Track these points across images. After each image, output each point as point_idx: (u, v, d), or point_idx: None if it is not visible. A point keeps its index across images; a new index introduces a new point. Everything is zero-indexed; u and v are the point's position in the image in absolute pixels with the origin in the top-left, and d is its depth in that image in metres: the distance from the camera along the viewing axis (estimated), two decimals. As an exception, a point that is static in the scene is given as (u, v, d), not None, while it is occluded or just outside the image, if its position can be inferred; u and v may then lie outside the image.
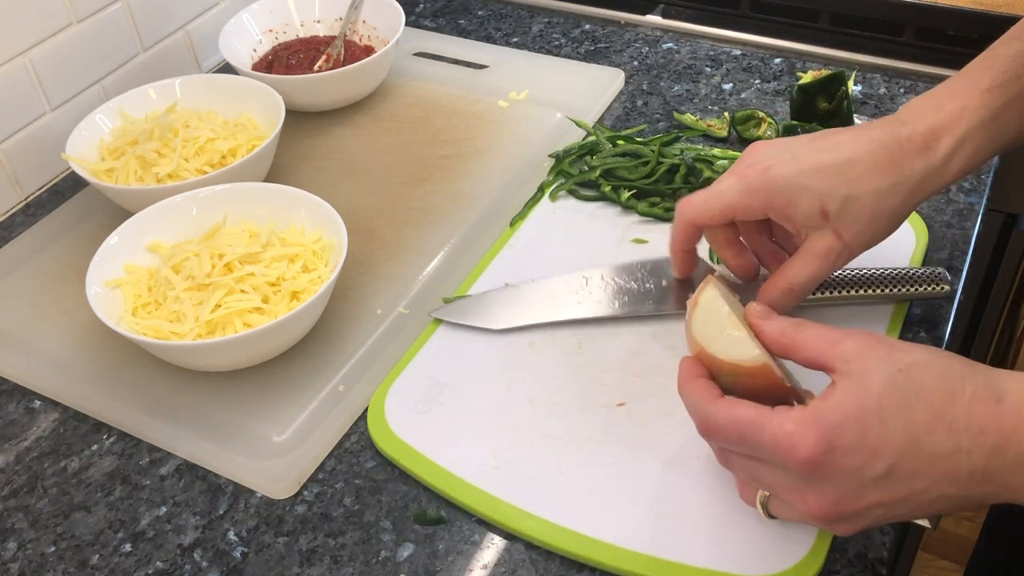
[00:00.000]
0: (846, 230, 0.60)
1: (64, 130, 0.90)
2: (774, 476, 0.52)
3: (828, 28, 1.07)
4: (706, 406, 0.53)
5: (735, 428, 0.51)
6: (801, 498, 0.50)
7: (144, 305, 0.75)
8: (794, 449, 0.48)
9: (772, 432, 0.49)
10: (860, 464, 0.48)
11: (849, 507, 0.49)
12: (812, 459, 0.48)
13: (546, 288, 0.76)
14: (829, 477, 0.49)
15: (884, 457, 0.48)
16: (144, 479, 0.69)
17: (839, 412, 0.48)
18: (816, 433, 0.48)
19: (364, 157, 0.94)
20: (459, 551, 0.62)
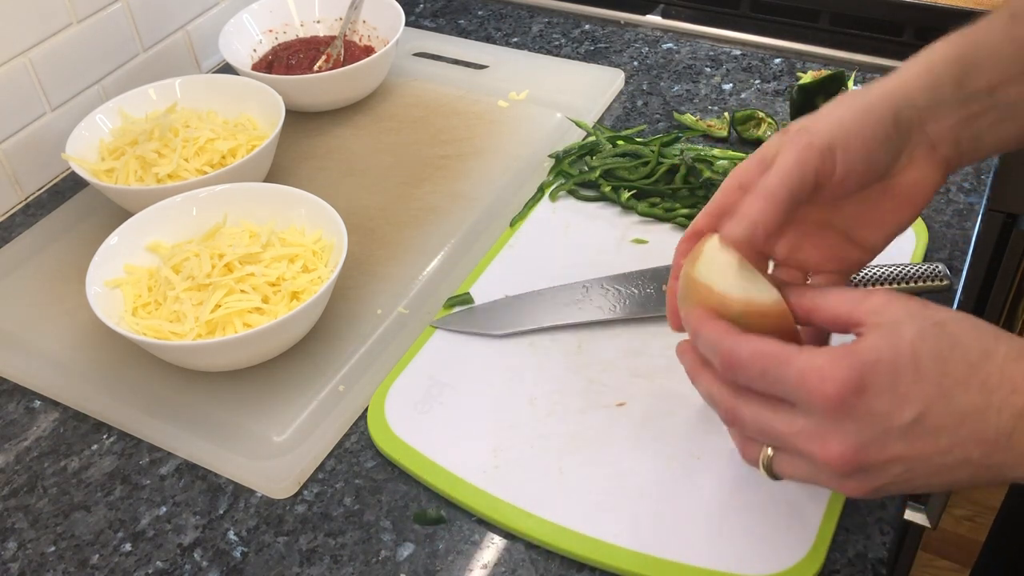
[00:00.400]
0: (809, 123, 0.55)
1: (64, 130, 0.90)
2: (790, 421, 0.49)
3: (828, 28, 1.07)
4: (728, 339, 0.51)
5: (759, 361, 0.49)
6: (821, 443, 0.48)
7: (144, 305, 0.75)
8: (824, 383, 0.46)
9: (800, 365, 0.47)
10: (889, 409, 0.46)
11: (871, 456, 0.47)
12: (842, 395, 0.46)
13: (546, 298, 0.76)
14: (855, 418, 0.47)
15: (914, 405, 0.46)
16: (144, 479, 0.69)
17: (873, 353, 0.47)
18: (848, 368, 0.46)
19: (364, 157, 0.94)
20: (459, 551, 0.62)
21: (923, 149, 0.56)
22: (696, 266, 0.55)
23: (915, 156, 0.56)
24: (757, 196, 0.53)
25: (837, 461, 0.48)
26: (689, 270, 0.56)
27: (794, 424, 0.49)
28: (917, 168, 0.56)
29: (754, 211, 0.52)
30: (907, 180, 0.57)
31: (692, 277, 0.55)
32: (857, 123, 0.54)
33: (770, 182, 0.53)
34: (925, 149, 0.56)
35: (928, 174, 0.57)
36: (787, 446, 0.51)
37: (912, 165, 0.56)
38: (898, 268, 0.73)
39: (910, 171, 0.56)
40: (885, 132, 0.54)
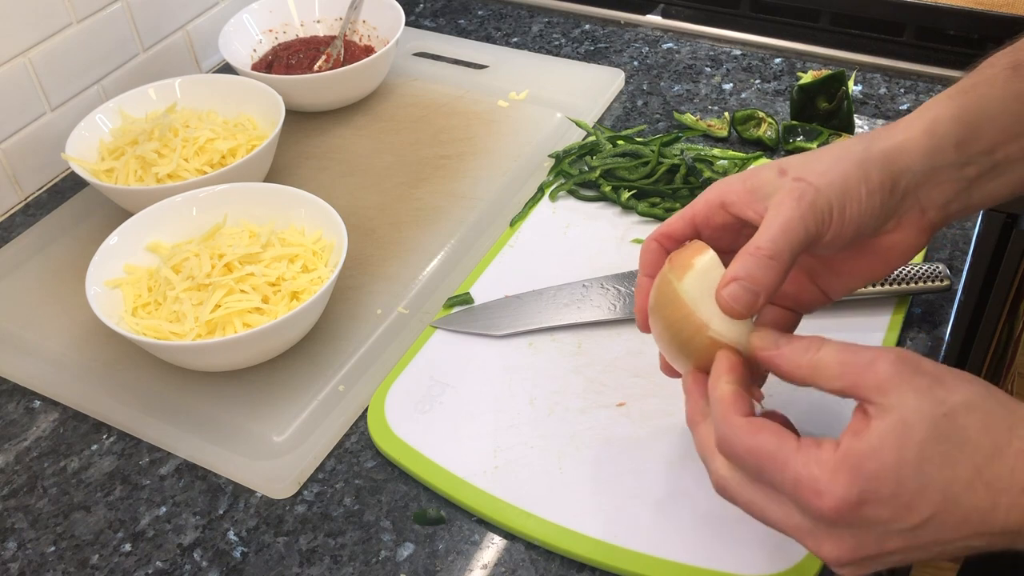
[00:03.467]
0: (808, 172, 0.52)
1: (64, 130, 0.90)
2: (786, 515, 0.47)
3: (828, 28, 1.07)
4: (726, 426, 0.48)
5: (755, 459, 0.47)
6: (815, 543, 0.46)
7: (144, 305, 0.75)
8: (819, 496, 0.44)
9: (795, 472, 0.45)
10: (890, 517, 0.44)
11: (866, 553, 0.46)
12: (838, 510, 0.44)
13: (546, 298, 0.76)
14: (853, 526, 0.45)
15: (918, 512, 0.44)
16: (144, 479, 0.69)
17: (875, 462, 0.44)
18: (847, 484, 0.44)
19: (364, 157, 0.94)
20: (459, 551, 0.62)
21: (913, 214, 0.55)
22: (683, 279, 0.53)
23: (903, 220, 0.55)
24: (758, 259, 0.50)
25: (833, 561, 0.46)
26: (673, 279, 0.54)
27: (790, 519, 0.47)
28: (903, 231, 0.55)
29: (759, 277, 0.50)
30: (890, 241, 0.55)
31: (675, 290, 0.53)
32: (856, 185, 0.52)
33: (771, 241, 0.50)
34: (915, 214, 0.55)
35: (912, 237, 0.55)
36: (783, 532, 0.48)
37: (899, 228, 0.55)
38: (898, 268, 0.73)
39: (895, 233, 0.55)
40: (882, 199, 0.53)
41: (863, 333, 0.71)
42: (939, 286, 0.72)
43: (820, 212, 0.51)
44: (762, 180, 0.54)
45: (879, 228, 0.54)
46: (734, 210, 0.55)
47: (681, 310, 0.52)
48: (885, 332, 0.71)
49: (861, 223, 0.52)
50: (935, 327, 0.73)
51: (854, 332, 0.71)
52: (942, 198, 0.54)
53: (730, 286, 0.50)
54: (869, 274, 0.57)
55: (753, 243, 0.50)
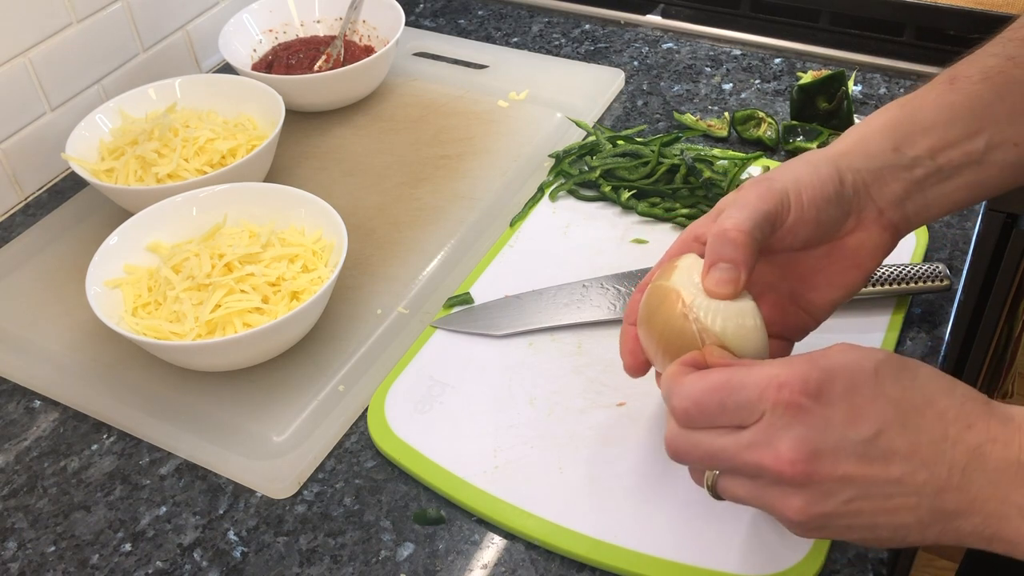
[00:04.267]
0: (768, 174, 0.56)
1: (64, 130, 0.90)
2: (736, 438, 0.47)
3: (828, 28, 1.07)
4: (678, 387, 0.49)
5: (714, 395, 0.47)
6: (771, 450, 0.45)
7: (144, 305, 0.75)
8: (782, 387, 0.45)
9: (757, 377, 0.46)
10: (845, 419, 0.45)
11: (822, 468, 0.45)
12: (798, 394, 0.45)
13: (546, 298, 0.76)
14: (809, 423, 0.45)
15: (870, 422, 0.45)
16: (144, 479, 0.69)
17: (831, 360, 0.46)
18: (805, 371, 0.46)
19: (364, 157, 0.94)
20: (459, 551, 0.62)
21: (871, 212, 0.57)
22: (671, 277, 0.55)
23: (863, 219, 0.57)
24: (729, 239, 0.52)
25: (788, 466, 0.45)
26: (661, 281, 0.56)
27: (740, 439, 0.47)
28: (865, 230, 0.57)
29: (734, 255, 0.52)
30: (855, 242, 0.57)
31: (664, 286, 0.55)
32: (808, 175, 0.55)
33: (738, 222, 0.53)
34: (873, 213, 0.57)
35: (876, 237, 0.58)
36: (733, 462, 0.48)
37: (860, 227, 0.57)
38: (898, 268, 0.73)
39: (858, 233, 0.57)
40: (834, 188, 0.55)
41: (863, 333, 0.71)
42: (939, 286, 0.72)
43: (777, 194, 0.54)
44: (726, 202, 0.57)
45: (841, 225, 0.57)
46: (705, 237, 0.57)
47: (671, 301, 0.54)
48: (885, 332, 0.71)
49: (820, 208, 0.55)
50: (935, 327, 0.73)
51: (854, 332, 0.71)
52: (893, 196, 0.57)
53: (711, 272, 0.52)
54: (845, 282, 0.59)
55: (719, 227, 0.53)
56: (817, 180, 0.55)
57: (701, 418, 0.49)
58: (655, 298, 0.56)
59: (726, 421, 0.48)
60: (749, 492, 0.49)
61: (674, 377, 0.50)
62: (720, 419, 0.48)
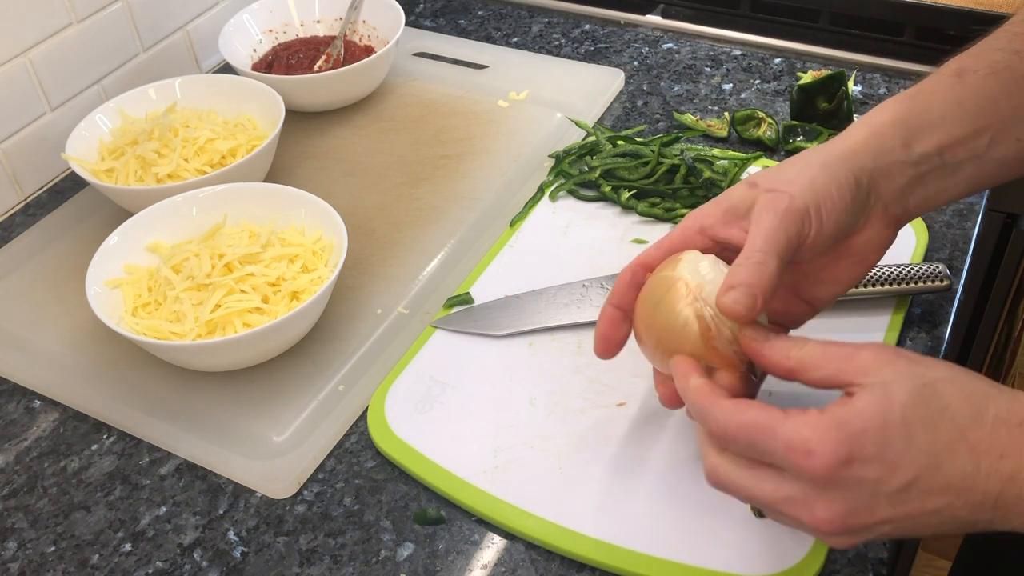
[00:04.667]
0: (778, 182, 0.55)
1: (64, 130, 0.90)
2: (775, 488, 0.48)
3: (828, 28, 1.07)
4: (716, 409, 0.50)
5: (747, 434, 0.48)
6: (808, 510, 0.47)
7: (144, 305, 0.75)
8: (810, 456, 0.46)
9: (786, 437, 0.47)
10: (878, 477, 0.46)
11: (858, 521, 0.47)
12: (829, 467, 0.46)
13: (546, 298, 0.76)
14: (843, 488, 0.46)
15: (904, 472, 0.46)
16: (144, 479, 0.69)
17: (860, 420, 0.46)
18: (835, 441, 0.46)
19: (364, 157, 0.94)
20: (459, 551, 0.62)
21: (877, 209, 0.58)
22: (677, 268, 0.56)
23: (870, 216, 0.57)
24: (750, 266, 0.52)
25: (825, 525, 0.47)
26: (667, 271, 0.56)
27: (780, 490, 0.48)
28: (871, 228, 0.58)
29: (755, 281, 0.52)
30: (862, 240, 0.58)
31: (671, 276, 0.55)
32: (826, 186, 0.55)
33: (758, 250, 0.53)
34: (879, 209, 0.58)
35: (881, 232, 0.58)
36: (772, 508, 0.50)
37: (867, 225, 0.58)
38: (898, 268, 0.73)
39: (865, 231, 0.58)
40: (852, 195, 0.55)
41: (863, 333, 0.71)
42: (939, 286, 0.72)
43: (798, 215, 0.54)
44: (736, 199, 0.57)
45: (854, 225, 0.57)
46: (712, 233, 0.57)
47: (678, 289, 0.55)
48: (885, 332, 0.71)
49: (839, 220, 0.55)
50: (935, 327, 0.73)
51: (854, 332, 0.71)
52: (899, 192, 0.57)
53: (729, 292, 0.52)
54: (848, 277, 0.59)
55: (744, 254, 0.53)
56: (836, 190, 0.55)
57: (732, 447, 0.50)
58: (659, 287, 0.56)
59: (753, 456, 0.49)
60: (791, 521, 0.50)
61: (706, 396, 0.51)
62: (747, 453, 0.50)
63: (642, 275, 0.59)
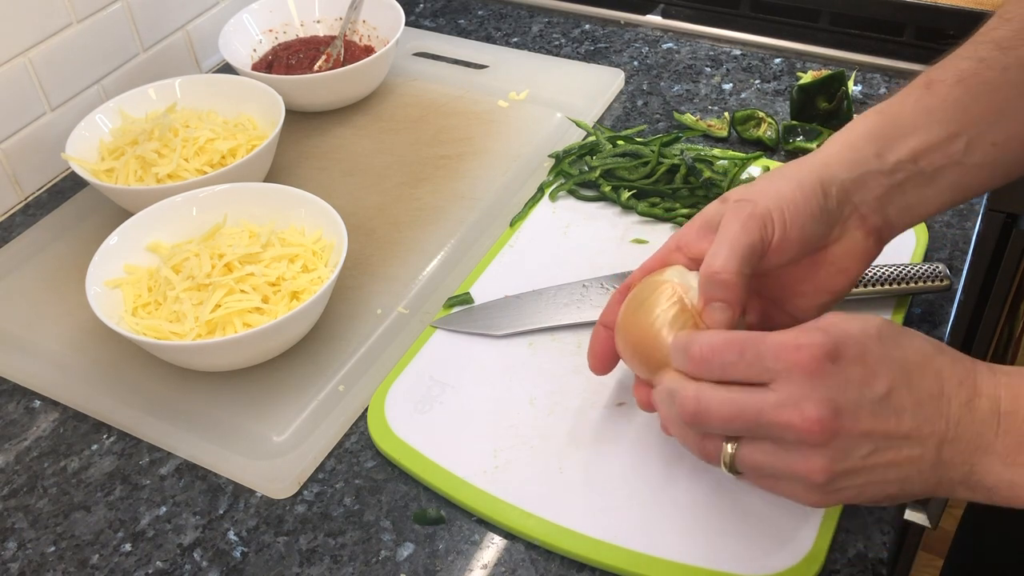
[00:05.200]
0: (748, 193, 0.57)
1: (64, 130, 0.90)
2: (762, 397, 0.49)
3: (828, 28, 1.07)
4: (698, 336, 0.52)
5: (735, 346, 0.50)
6: (798, 409, 0.48)
7: (144, 305, 0.75)
8: (800, 350, 0.48)
9: (773, 339, 0.49)
10: (861, 379, 0.48)
11: (845, 425, 0.48)
12: (817, 357, 0.48)
13: (546, 298, 0.76)
14: (832, 385, 0.48)
15: (883, 379, 0.48)
16: (144, 479, 0.69)
17: (842, 328, 0.49)
18: (823, 337, 0.49)
19: (364, 157, 0.94)
20: (459, 551, 0.62)
21: (854, 220, 0.59)
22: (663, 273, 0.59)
23: (847, 226, 0.59)
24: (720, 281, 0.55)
25: (815, 425, 0.48)
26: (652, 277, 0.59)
27: (767, 399, 0.49)
28: (850, 238, 0.59)
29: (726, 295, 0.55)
30: (840, 250, 0.59)
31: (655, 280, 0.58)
32: (791, 192, 0.57)
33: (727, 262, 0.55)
34: (856, 219, 0.59)
35: (860, 242, 0.59)
36: (759, 424, 0.49)
37: (845, 235, 0.59)
38: (898, 268, 0.73)
39: (843, 241, 0.59)
40: (818, 204, 0.57)
41: (863, 333, 0.71)
42: (939, 286, 0.72)
43: (760, 219, 0.56)
44: (709, 214, 0.59)
45: (826, 236, 0.58)
46: (688, 249, 0.60)
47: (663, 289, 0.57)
48: (885, 332, 0.71)
49: (805, 226, 0.57)
50: (935, 327, 0.73)
51: (854, 332, 0.71)
52: (876, 202, 0.59)
53: (705, 311, 0.55)
54: (831, 287, 0.60)
55: (708, 266, 0.55)
56: (801, 197, 0.57)
57: (717, 365, 0.51)
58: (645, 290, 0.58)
59: (740, 373, 0.50)
60: (771, 458, 0.50)
61: (692, 332, 0.54)
62: (735, 370, 0.50)
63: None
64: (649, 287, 0.59)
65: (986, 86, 0.58)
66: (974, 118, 0.58)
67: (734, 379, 0.51)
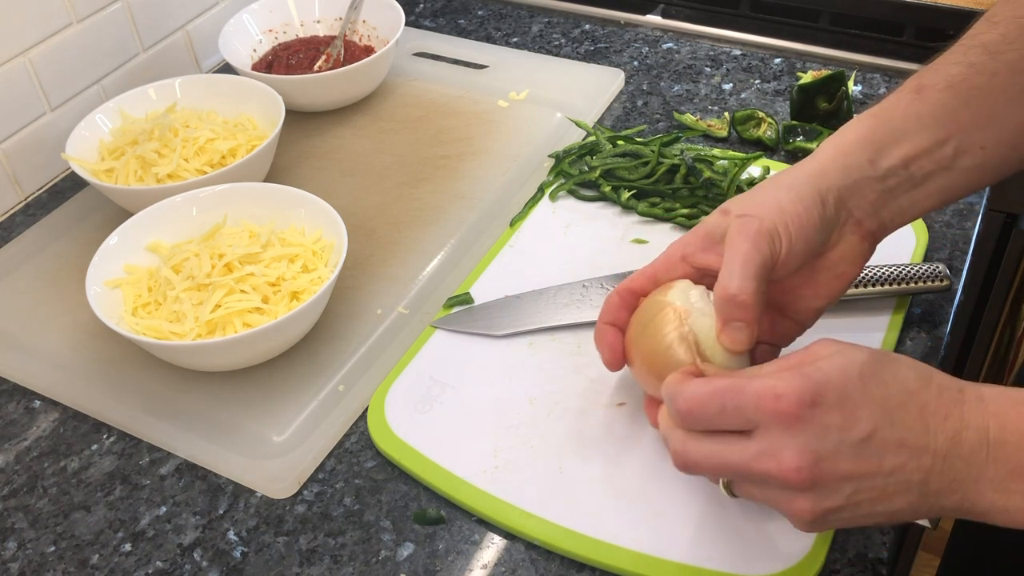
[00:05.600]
0: (748, 207, 0.58)
1: (64, 130, 0.90)
2: (742, 448, 0.50)
3: (828, 28, 1.07)
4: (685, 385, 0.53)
5: (715, 399, 0.51)
6: (777, 460, 0.49)
7: (144, 305, 0.75)
8: (779, 399, 0.48)
9: (755, 388, 0.49)
10: (841, 424, 0.48)
11: (825, 470, 0.48)
12: (795, 406, 0.48)
13: (546, 298, 0.76)
14: (810, 431, 0.48)
15: (863, 422, 0.48)
16: (144, 479, 0.69)
17: (823, 372, 0.49)
18: (801, 384, 0.49)
19: (364, 157, 0.94)
20: (459, 551, 0.62)
21: (850, 225, 0.60)
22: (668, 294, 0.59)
23: (844, 232, 0.60)
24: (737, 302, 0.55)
25: (794, 473, 0.49)
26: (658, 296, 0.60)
27: (748, 449, 0.50)
28: (846, 242, 0.60)
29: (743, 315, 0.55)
30: (837, 254, 0.60)
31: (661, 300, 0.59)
32: (792, 205, 0.57)
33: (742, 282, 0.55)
34: (852, 224, 0.60)
35: (856, 246, 0.60)
36: (743, 473, 0.51)
37: (842, 240, 0.60)
38: (898, 268, 0.73)
39: (840, 246, 0.60)
40: (819, 214, 0.58)
41: (863, 333, 0.71)
42: (939, 286, 0.72)
43: (768, 235, 0.56)
44: (711, 225, 0.60)
45: (825, 242, 0.59)
46: (692, 260, 0.61)
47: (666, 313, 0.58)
48: (885, 332, 0.71)
49: (808, 237, 0.57)
50: (935, 327, 0.73)
51: (854, 332, 0.71)
52: (871, 207, 0.60)
53: (726, 330, 0.56)
54: (829, 291, 0.61)
55: (725, 288, 0.56)
56: (803, 210, 0.57)
57: (702, 418, 0.52)
58: (648, 310, 0.59)
59: (725, 424, 0.51)
60: (760, 494, 0.52)
61: (679, 380, 0.54)
62: (719, 421, 0.51)
63: (629, 298, 0.62)
64: (653, 308, 0.59)
65: (975, 91, 0.59)
66: (963, 123, 0.59)
67: (719, 429, 0.52)
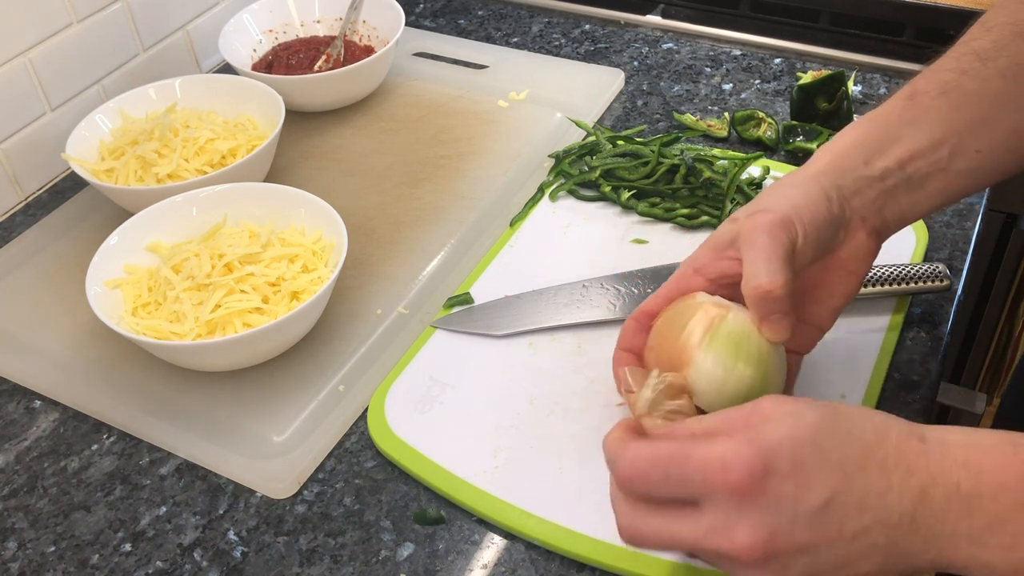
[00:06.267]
0: (758, 207, 0.57)
1: (64, 130, 0.90)
2: (694, 525, 0.47)
3: (828, 28, 1.07)
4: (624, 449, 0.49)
5: (658, 467, 0.47)
6: (728, 536, 0.45)
7: (144, 305, 0.75)
8: (727, 471, 0.45)
9: (701, 456, 0.46)
10: (795, 493, 0.45)
11: (779, 544, 0.45)
12: (745, 480, 0.45)
13: (546, 298, 0.76)
14: (762, 506, 0.45)
15: (819, 490, 0.45)
16: (144, 479, 0.69)
17: (773, 438, 0.46)
18: (751, 454, 0.45)
19: (364, 157, 0.94)
20: (459, 551, 0.62)
21: (856, 222, 0.60)
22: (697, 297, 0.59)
23: (850, 229, 0.60)
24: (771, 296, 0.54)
25: (747, 552, 0.45)
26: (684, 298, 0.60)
27: (699, 524, 0.46)
28: (853, 239, 0.60)
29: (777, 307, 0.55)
30: (846, 252, 0.60)
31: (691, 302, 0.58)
32: (801, 199, 0.58)
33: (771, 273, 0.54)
34: (857, 221, 0.60)
35: (864, 243, 0.60)
36: (695, 549, 0.48)
37: (849, 238, 0.60)
38: (898, 268, 0.73)
39: (848, 243, 0.60)
40: (825, 208, 0.58)
41: (863, 333, 0.71)
42: (939, 286, 0.72)
43: (784, 223, 0.56)
44: (720, 233, 0.60)
45: (834, 238, 0.59)
46: (705, 272, 0.60)
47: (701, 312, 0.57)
48: (885, 332, 0.71)
49: (820, 230, 0.57)
50: (935, 327, 0.73)
51: (854, 332, 0.71)
52: (873, 205, 0.60)
53: (767, 324, 0.56)
54: (842, 291, 0.61)
55: (756, 286, 0.55)
56: (811, 202, 0.57)
57: (644, 487, 0.48)
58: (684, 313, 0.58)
59: (670, 493, 0.48)
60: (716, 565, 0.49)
61: (620, 441, 0.50)
62: (663, 489, 0.48)
63: (647, 322, 0.61)
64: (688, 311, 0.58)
65: (968, 97, 0.59)
66: (957, 128, 0.59)
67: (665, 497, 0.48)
